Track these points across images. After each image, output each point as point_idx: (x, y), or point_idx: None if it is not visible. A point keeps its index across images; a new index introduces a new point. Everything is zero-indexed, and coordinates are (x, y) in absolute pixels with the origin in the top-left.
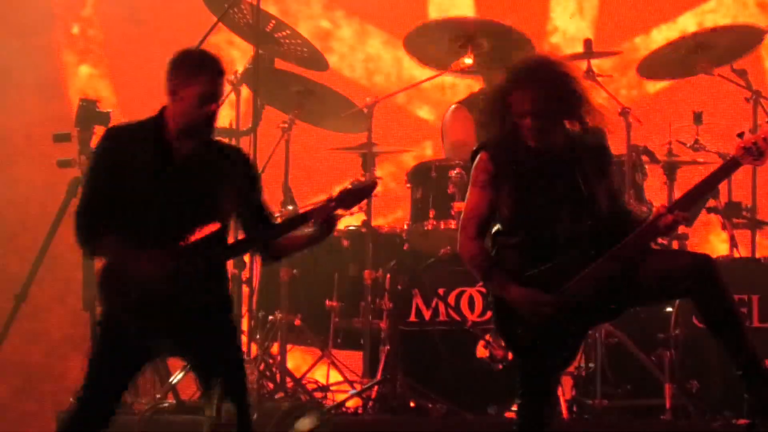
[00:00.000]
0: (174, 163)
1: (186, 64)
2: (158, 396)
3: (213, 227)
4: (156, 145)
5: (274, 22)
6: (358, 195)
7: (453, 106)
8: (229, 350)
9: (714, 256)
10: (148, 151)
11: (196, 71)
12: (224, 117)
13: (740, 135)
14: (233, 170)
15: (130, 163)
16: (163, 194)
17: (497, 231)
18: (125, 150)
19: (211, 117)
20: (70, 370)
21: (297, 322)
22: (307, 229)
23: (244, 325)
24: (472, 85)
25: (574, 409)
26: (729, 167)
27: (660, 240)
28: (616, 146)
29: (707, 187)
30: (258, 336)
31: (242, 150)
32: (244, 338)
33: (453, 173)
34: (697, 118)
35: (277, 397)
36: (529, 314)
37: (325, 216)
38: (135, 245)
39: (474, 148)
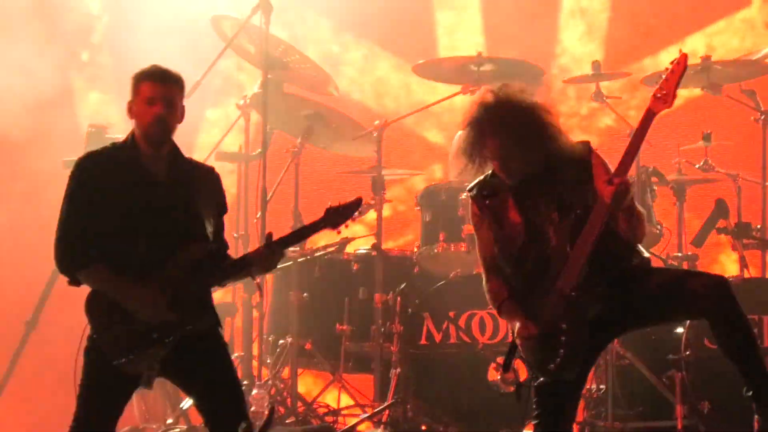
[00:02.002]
0: (154, 183)
1: (132, 81)
2: (169, 421)
3: (200, 248)
4: (133, 166)
5: (283, 46)
6: (343, 213)
7: (461, 132)
8: (224, 375)
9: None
10: (127, 172)
11: (138, 82)
12: (234, 142)
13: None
14: (209, 188)
15: (110, 187)
16: (147, 215)
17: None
18: (104, 174)
19: (158, 118)
20: None
21: (308, 346)
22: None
23: (255, 349)
24: None
25: (586, 431)
26: (647, 119)
27: (670, 261)
28: None
29: (636, 147)
30: (269, 360)
31: (214, 169)
32: (254, 363)
33: (463, 196)
34: (706, 138)
35: (288, 421)
36: (525, 341)
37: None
38: (122, 270)
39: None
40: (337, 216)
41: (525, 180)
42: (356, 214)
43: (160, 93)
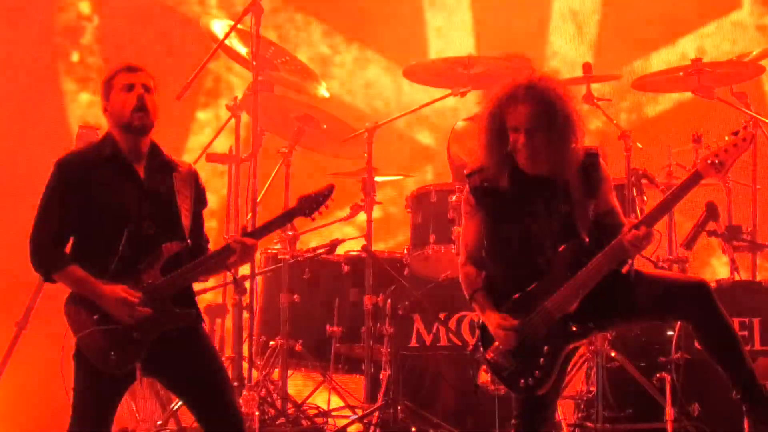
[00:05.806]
0: (135, 179)
1: (104, 85)
2: (159, 423)
3: (176, 246)
4: (115, 161)
5: (273, 48)
6: (316, 200)
7: (460, 122)
8: (208, 369)
9: (715, 279)
10: (110, 168)
11: (110, 79)
12: (224, 143)
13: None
14: (188, 184)
15: (93, 184)
16: (127, 211)
17: (485, 256)
18: (86, 172)
19: (140, 99)
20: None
21: (298, 347)
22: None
23: (245, 350)
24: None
25: None
26: (692, 181)
27: (660, 264)
28: (616, 170)
29: (672, 203)
30: (259, 362)
31: (191, 166)
32: (245, 364)
33: (453, 198)
34: (697, 141)
35: (278, 423)
36: (498, 339)
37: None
38: (103, 268)
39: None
40: (310, 203)
41: (528, 183)
42: (329, 201)
43: (136, 79)
